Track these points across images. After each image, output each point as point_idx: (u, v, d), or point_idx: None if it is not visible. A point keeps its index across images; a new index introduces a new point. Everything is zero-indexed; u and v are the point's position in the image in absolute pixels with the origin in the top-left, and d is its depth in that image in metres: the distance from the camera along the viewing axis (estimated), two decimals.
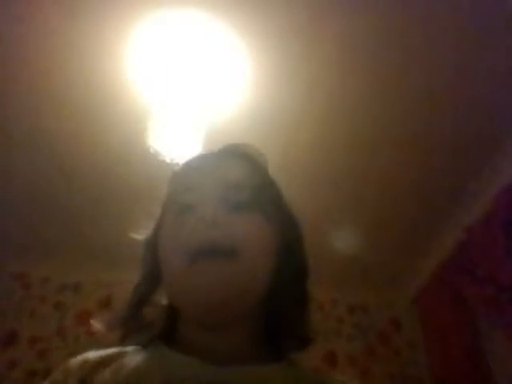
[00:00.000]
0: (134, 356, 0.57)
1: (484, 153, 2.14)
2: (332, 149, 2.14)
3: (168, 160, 2.03)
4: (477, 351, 2.24)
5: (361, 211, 2.42)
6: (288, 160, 2.16)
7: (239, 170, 0.64)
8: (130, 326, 0.61)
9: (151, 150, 2.05)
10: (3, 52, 1.75)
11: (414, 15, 1.68)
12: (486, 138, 2.08)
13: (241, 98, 1.92)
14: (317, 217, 2.40)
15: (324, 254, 2.55)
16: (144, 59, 1.77)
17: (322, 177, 2.25)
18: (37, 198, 2.30)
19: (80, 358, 0.59)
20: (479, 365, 2.20)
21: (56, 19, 1.66)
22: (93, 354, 0.59)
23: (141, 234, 0.67)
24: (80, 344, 2.45)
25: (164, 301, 0.63)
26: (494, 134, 2.06)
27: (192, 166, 0.66)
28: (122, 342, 0.61)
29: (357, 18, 1.68)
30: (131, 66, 1.80)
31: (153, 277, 0.63)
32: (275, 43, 1.75)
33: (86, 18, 1.66)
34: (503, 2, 1.63)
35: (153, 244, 0.63)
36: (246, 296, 0.55)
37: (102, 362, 0.57)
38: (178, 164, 0.70)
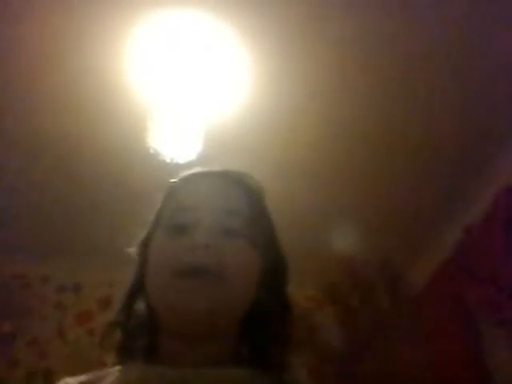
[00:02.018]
0: (110, 377, 0.60)
1: (484, 153, 2.14)
2: (332, 149, 2.14)
3: (168, 160, 2.03)
4: (477, 351, 2.24)
5: (361, 211, 2.42)
6: (288, 160, 2.16)
7: (235, 198, 0.67)
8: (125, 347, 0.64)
9: (151, 150, 2.05)
10: (3, 52, 1.75)
11: (414, 15, 1.68)
12: (486, 138, 2.08)
13: (241, 98, 1.92)
14: (316, 217, 2.40)
15: (324, 254, 2.54)
16: (144, 59, 1.77)
17: (321, 177, 2.25)
18: (36, 198, 2.30)
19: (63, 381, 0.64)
20: (479, 365, 2.20)
21: (56, 19, 1.66)
22: (73, 379, 0.63)
23: (132, 243, 0.69)
24: (80, 344, 2.45)
25: (144, 315, 0.65)
26: (495, 134, 2.06)
27: (189, 186, 0.69)
28: (117, 360, 0.64)
29: (357, 18, 1.68)
30: (131, 66, 1.80)
31: (137, 287, 0.65)
32: (275, 43, 1.75)
33: (86, 19, 1.65)
34: (503, 1, 1.63)
35: (143, 255, 0.66)
36: (227, 314, 0.60)
37: None
38: (175, 165, 0.72)
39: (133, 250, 0.69)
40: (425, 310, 2.73)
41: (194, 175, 0.71)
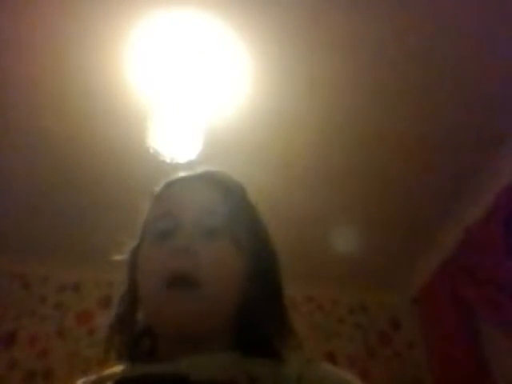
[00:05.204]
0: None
1: (484, 153, 2.14)
2: (332, 149, 2.14)
3: (168, 160, 2.03)
4: (477, 351, 2.24)
5: (361, 211, 2.42)
6: (288, 160, 2.16)
7: (213, 197, 0.68)
8: (116, 343, 0.66)
9: (151, 150, 2.05)
10: (3, 53, 1.75)
11: (414, 15, 1.68)
12: (486, 138, 2.08)
13: (241, 98, 1.92)
14: (317, 217, 2.40)
15: (324, 254, 2.55)
16: (144, 59, 1.77)
17: (321, 177, 2.25)
18: (37, 198, 2.30)
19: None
20: (479, 365, 2.20)
21: (55, 19, 1.66)
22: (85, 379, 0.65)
23: (123, 253, 0.72)
24: (80, 344, 2.45)
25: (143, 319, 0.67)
26: (494, 134, 2.06)
27: (170, 193, 0.71)
28: (109, 355, 0.66)
29: (357, 18, 1.68)
30: (131, 65, 1.80)
31: (133, 295, 0.67)
32: (275, 43, 1.75)
33: (86, 18, 1.66)
34: (504, 2, 1.63)
35: (133, 263, 0.68)
36: (209, 319, 0.61)
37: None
38: (175, 165, 0.73)
39: (124, 260, 0.71)
40: (425, 310, 2.73)
41: (175, 181, 0.73)
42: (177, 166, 1.93)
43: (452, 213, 2.41)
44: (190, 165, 0.75)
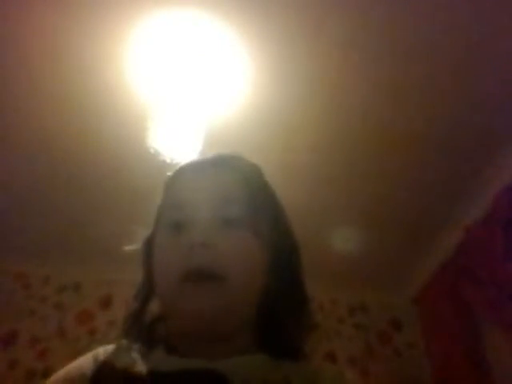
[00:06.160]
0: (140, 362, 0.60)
1: (484, 153, 2.14)
2: (332, 149, 2.14)
3: (168, 160, 2.03)
4: (477, 351, 2.24)
5: (361, 211, 2.42)
6: (288, 160, 2.16)
7: (229, 184, 0.64)
8: (133, 331, 0.64)
9: (151, 151, 2.05)
10: (2, 54, 1.75)
11: (414, 14, 1.68)
12: (486, 138, 2.08)
13: (241, 98, 1.92)
14: (317, 217, 2.40)
15: (324, 254, 2.54)
16: (144, 59, 1.77)
17: (321, 177, 2.25)
18: (37, 198, 2.30)
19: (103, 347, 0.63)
20: (479, 365, 2.20)
21: (55, 20, 1.66)
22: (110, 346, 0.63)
23: (137, 242, 0.69)
24: (80, 344, 2.45)
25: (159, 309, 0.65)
26: (494, 134, 2.06)
27: (183, 181, 0.67)
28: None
29: (358, 20, 1.68)
30: (131, 66, 1.80)
31: (149, 284, 0.65)
32: (275, 44, 1.75)
33: (86, 19, 1.66)
34: (506, 4, 1.63)
35: (147, 253, 0.66)
36: (233, 315, 0.58)
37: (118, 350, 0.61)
38: (175, 165, 0.71)
39: (137, 249, 0.68)
40: (425, 310, 2.74)
41: (187, 168, 0.69)
42: (177, 166, 1.93)
43: (452, 213, 2.41)
44: None
